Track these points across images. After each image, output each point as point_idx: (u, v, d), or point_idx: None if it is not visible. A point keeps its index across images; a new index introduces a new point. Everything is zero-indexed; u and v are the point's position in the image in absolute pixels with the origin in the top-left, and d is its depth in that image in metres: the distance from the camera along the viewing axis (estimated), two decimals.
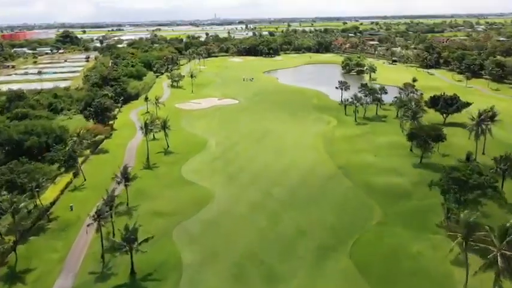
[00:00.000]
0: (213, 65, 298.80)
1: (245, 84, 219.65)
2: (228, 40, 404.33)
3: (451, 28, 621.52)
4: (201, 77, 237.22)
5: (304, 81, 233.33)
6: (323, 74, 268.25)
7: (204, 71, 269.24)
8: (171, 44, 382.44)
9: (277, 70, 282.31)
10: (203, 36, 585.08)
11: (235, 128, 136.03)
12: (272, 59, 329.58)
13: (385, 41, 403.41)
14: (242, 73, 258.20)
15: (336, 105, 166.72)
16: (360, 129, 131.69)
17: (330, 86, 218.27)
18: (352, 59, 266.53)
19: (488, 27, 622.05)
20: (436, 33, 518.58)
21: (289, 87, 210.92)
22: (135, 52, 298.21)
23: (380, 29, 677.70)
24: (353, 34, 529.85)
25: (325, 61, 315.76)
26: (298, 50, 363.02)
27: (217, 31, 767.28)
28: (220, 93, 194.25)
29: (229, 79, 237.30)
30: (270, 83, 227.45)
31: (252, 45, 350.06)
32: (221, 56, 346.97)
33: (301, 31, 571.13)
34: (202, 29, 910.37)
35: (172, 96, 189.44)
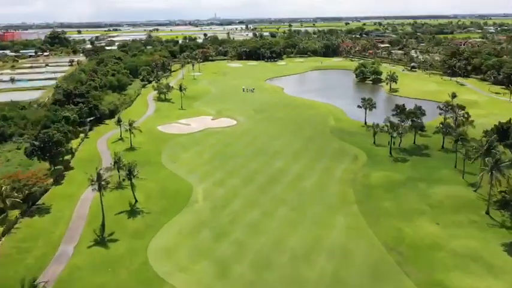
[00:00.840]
0: (210, 70, 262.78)
1: (245, 97, 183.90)
2: (226, 42, 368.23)
3: (461, 29, 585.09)
4: (194, 87, 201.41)
5: (314, 92, 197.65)
6: (334, 82, 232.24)
7: (198, 78, 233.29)
8: (165, 46, 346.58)
9: (281, 77, 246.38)
10: (201, 37, 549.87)
11: (232, 166, 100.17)
12: (275, 64, 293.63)
13: (396, 44, 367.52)
14: (242, 81, 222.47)
15: (358, 127, 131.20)
16: (401, 170, 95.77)
17: (345, 98, 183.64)
18: (367, 65, 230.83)
19: (498, 28, 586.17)
20: (445, 35, 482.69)
21: (298, 101, 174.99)
22: (123, 56, 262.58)
23: (385, 30, 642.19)
24: (359, 35, 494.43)
25: (335, 66, 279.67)
26: (303, 53, 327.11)
27: (216, 31, 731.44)
28: (215, 109, 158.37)
29: (227, 89, 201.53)
30: (274, 94, 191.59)
31: (253, 48, 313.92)
32: (219, 60, 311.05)
33: (303, 32, 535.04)
34: (201, 29, 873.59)
35: (157, 114, 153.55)
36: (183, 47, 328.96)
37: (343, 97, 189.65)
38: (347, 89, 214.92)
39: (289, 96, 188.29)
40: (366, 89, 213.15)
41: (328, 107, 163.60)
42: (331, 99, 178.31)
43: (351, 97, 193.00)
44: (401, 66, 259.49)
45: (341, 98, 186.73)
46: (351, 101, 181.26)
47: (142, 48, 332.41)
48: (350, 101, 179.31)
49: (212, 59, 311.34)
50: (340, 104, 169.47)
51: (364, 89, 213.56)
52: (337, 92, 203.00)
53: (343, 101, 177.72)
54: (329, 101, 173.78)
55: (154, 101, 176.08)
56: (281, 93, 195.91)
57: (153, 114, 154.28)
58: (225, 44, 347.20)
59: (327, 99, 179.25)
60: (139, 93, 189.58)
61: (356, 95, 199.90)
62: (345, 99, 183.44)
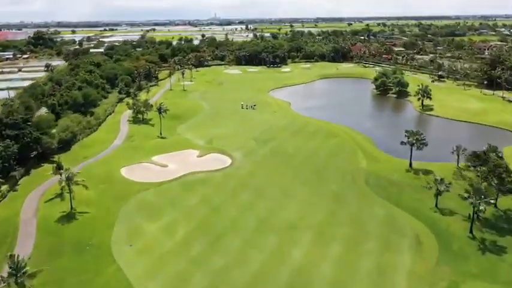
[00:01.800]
0: (203, 79, 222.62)
1: (244, 117, 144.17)
2: (224, 44, 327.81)
3: (472, 31, 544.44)
4: (181, 102, 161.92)
5: (329, 109, 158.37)
6: (350, 94, 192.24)
7: (189, 89, 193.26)
8: (156, 48, 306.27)
9: (286, 87, 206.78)
10: (198, 37, 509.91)
11: (221, 258, 60.51)
12: (279, 71, 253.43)
13: (410, 47, 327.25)
14: (240, 93, 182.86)
15: (401, 172, 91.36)
16: (504, 272, 56.63)
17: (369, 119, 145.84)
18: (388, 74, 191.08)
19: (511, 30, 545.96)
20: (457, 37, 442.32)
21: (311, 123, 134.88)
22: (103, 62, 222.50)
23: (391, 31, 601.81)
24: (366, 37, 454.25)
25: (347, 74, 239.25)
26: (309, 57, 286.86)
27: (215, 32, 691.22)
28: (204, 137, 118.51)
29: (222, 105, 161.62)
30: (280, 113, 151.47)
31: (254, 52, 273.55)
32: (215, 66, 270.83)
33: (306, 33, 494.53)
34: (199, 29, 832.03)
35: (126, 145, 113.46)
36: (176, 50, 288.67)
37: (366, 117, 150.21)
38: (367, 105, 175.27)
39: (298, 115, 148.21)
40: (390, 104, 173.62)
41: (352, 133, 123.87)
42: (352, 120, 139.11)
43: (376, 117, 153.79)
44: (425, 75, 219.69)
45: (364, 118, 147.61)
46: (378, 122, 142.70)
47: (130, 51, 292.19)
48: (377, 123, 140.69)
49: (208, 64, 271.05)
50: (365, 128, 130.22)
51: (388, 105, 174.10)
52: (356, 108, 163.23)
53: (368, 123, 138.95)
54: (350, 123, 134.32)
55: (128, 122, 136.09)
56: (288, 111, 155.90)
57: (122, 144, 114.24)
58: (223, 47, 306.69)
59: (346, 119, 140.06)
60: (112, 111, 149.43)
61: (381, 114, 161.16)
62: (370, 121, 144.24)
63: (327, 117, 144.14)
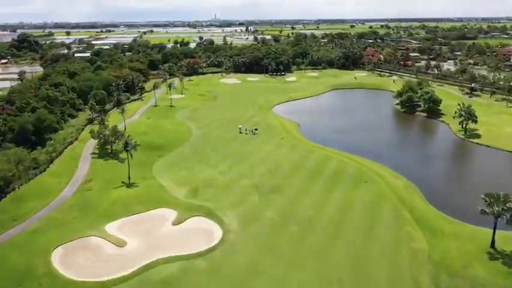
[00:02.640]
0: (196, 90, 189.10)
1: (243, 147, 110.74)
2: (222, 49, 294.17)
3: (483, 34, 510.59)
4: (165, 123, 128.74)
5: (349, 134, 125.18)
6: (370, 113, 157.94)
7: (177, 104, 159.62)
8: (146, 53, 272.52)
9: (292, 101, 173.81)
10: (196, 40, 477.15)
11: None
12: (283, 80, 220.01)
13: (426, 52, 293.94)
14: (238, 111, 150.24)
15: (484, 262, 58.10)
16: None
17: (401, 149, 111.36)
18: (414, 87, 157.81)
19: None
20: (469, 40, 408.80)
21: (331, 160, 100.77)
22: (81, 70, 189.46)
23: (397, 33, 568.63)
24: (373, 40, 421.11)
25: (361, 85, 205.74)
26: (316, 64, 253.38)
27: (214, 34, 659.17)
28: (188, 182, 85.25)
29: (215, 129, 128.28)
30: (289, 140, 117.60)
31: (254, 59, 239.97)
32: (211, 73, 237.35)
33: (310, 36, 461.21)
34: (198, 31, 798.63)
35: (75, 200, 79.30)
36: (167, 56, 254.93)
37: (397, 147, 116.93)
38: (395, 128, 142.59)
39: (312, 144, 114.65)
40: (422, 127, 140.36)
41: (386, 175, 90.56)
42: (381, 152, 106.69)
43: (411, 146, 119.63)
44: (453, 86, 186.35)
45: (395, 148, 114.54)
46: (415, 155, 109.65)
47: (117, 56, 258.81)
48: (414, 157, 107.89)
49: (202, 71, 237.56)
50: (401, 165, 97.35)
51: (419, 127, 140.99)
52: (382, 133, 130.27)
53: (403, 157, 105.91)
54: (380, 157, 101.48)
55: (92, 156, 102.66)
56: (298, 137, 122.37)
57: (72, 196, 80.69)
58: (220, 52, 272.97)
59: (373, 150, 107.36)
60: (75, 138, 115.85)
61: (415, 142, 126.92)
62: (404, 153, 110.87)
63: (348, 147, 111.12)
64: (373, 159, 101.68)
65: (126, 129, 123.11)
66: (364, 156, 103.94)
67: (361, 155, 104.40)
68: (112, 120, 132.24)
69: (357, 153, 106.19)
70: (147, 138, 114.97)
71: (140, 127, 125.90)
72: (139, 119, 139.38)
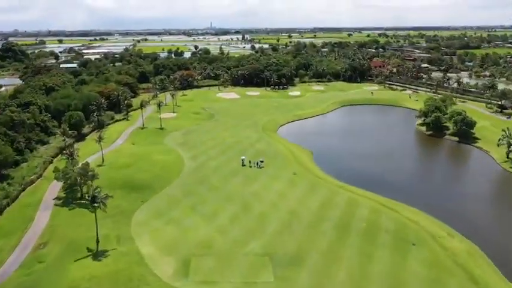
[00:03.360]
0: (190, 108, 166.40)
1: (246, 187, 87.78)
2: (219, 59, 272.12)
3: (487, 43, 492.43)
4: (151, 154, 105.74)
5: (374, 166, 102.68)
6: (391, 136, 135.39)
7: (168, 125, 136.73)
8: (139, 64, 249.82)
9: (300, 121, 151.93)
10: (192, 48, 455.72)
11: None
12: (286, 94, 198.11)
13: (438, 63, 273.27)
14: (239, 133, 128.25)
15: None
16: None
17: (443, 189, 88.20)
18: (439, 106, 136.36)
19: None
20: (473, 49, 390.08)
21: (359, 203, 77.99)
22: (62, 85, 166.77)
23: (396, 42, 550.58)
24: (374, 49, 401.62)
25: (374, 100, 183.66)
26: (321, 76, 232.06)
27: (209, 42, 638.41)
28: (176, 246, 62.64)
29: (212, 159, 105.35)
30: (303, 176, 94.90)
31: (254, 71, 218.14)
32: (207, 87, 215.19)
33: (309, 44, 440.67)
34: (193, 39, 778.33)
35: (20, 276, 56.99)
36: (159, 67, 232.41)
37: (435, 183, 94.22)
38: (424, 156, 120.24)
39: (331, 182, 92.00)
40: (456, 156, 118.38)
41: (440, 235, 68.20)
42: (420, 194, 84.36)
43: (452, 183, 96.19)
44: (479, 103, 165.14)
45: (432, 185, 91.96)
46: (463, 197, 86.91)
47: (105, 67, 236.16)
48: (464, 202, 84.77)
49: (197, 84, 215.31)
50: (451, 213, 75.65)
51: (453, 156, 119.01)
52: (411, 164, 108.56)
53: (448, 199, 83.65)
54: (419, 202, 79.31)
55: (55, 203, 79.69)
56: (313, 171, 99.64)
57: (13, 276, 57.63)
58: (216, 63, 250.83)
59: (408, 192, 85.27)
60: (39, 174, 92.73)
61: (455, 176, 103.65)
62: (445, 192, 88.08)
63: (375, 184, 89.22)
64: (412, 203, 79.64)
65: (105, 161, 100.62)
66: (399, 198, 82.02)
67: (394, 197, 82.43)
68: (89, 149, 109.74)
69: (389, 193, 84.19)
70: (129, 172, 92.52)
71: (122, 157, 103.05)
72: (123, 145, 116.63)
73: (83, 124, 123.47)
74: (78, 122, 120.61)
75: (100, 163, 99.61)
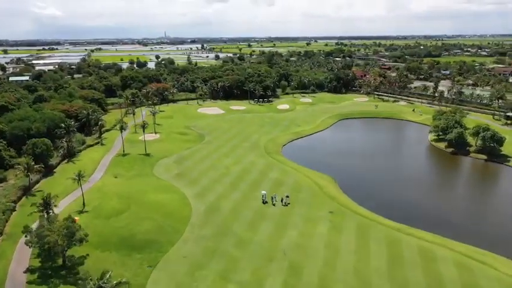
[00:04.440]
0: (172, 126, 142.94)
1: (279, 234, 67.38)
2: (190, 70, 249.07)
3: (446, 51, 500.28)
4: (146, 185, 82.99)
5: (414, 198, 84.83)
6: (410, 155, 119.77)
7: (154, 150, 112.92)
8: (102, 76, 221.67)
9: (302, 139, 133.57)
10: (152, 58, 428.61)
11: None
12: (274, 108, 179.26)
13: (417, 72, 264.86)
14: (241, 157, 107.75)
15: None
16: None
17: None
18: (460, 121, 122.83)
19: (484, 50, 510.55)
20: (436, 58, 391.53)
21: (439, 258, 60.21)
22: (17, 102, 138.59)
23: (357, 50, 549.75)
24: (341, 58, 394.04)
25: (369, 113, 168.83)
26: (304, 88, 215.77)
27: (169, 52, 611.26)
28: None
29: (223, 196, 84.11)
30: (342, 215, 76.16)
31: (235, 82, 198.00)
32: (184, 101, 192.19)
33: (276, 54, 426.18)
34: (151, 48, 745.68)
35: None
36: (128, 80, 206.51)
37: (504, 224, 77.68)
38: (462, 182, 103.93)
39: (383, 223, 73.08)
40: (492, 177, 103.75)
41: None
42: (493, 234, 67.80)
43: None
44: (482, 114, 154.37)
45: (505, 228, 75.37)
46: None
47: (64, 80, 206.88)
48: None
49: (173, 98, 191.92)
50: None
51: (489, 177, 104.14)
52: (452, 192, 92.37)
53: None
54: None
55: (28, 280, 55.79)
56: (349, 206, 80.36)
57: None
58: (189, 75, 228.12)
59: (475, 229, 68.34)
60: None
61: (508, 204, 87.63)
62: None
63: (435, 225, 72.03)
64: (497, 250, 63.00)
65: (86, 206, 76.99)
66: (469, 240, 65.44)
67: (468, 241, 65.71)
68: (61, 187, 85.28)
69: (458, 235, 67.36)
70: (123, 223, 69.97)
71: (108, 200, 79.64)
72: (104, 180, 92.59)
73: (50, 154, 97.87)
74: (44, 152, 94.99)
75: (80, 208, 76.00)
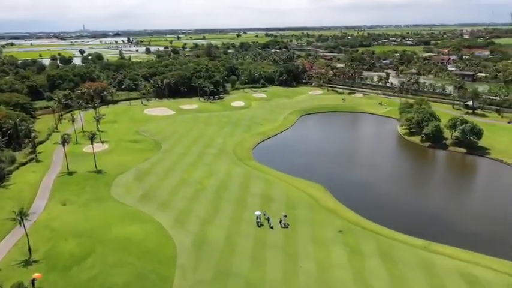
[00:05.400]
0: (120, 133, 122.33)
1: (291, 266, 54.83)
2: (126, 67, 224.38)
3: (375, 41, 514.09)
4: (106, 214, 65.34)
5: (418, 204, 75.46)
6: (389, 153, 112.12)
7: (105, 164, 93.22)
8: (23, 75, 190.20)
9: (270, 140, 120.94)
10: (76, 54, 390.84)
11: None
12: (228, 105, 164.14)
13: (361, 63, 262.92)
14: (211, 166, 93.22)
15: None
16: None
17: None
18: (434, 114, 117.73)
19: (405, 39, 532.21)
20: (365, 47, 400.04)
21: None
22: None
23: (290, 41, 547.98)
24: (278, 49, 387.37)
25: (329, 108, 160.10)
26: (254, 82, 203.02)
27: (93, 46, 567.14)
28: None
29: (207, 221, 68.52)
30: (352, 234, 64.78)
31: (181, 79, 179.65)
32: (125, 101, 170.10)
33: (213, 47, 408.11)
34: (71, 43, 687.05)
35: None
36: (55, 79, 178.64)
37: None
38: (454, 179, 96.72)
39: (403, 241, 62.52)
40: (482, 172, 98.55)
41: None
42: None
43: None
44: (444, 105, 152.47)
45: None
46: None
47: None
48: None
49: (112, 98, 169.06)
50: None
51: (480, 172, 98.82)
52: (450, 193, 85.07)
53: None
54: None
55: None
56: (358, 223, 68.93)
57: None
58: (126, 71, 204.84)
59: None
60: None
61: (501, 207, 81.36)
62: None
63: (460, 238, 63.60)
64: None
65: (34, 252, 58.04)
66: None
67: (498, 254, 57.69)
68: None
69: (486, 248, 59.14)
70: (87, 276, 53.79)
71: (61, 241, 61.24)
72: (50, 211, 72.78)
73: None
74: None
75: (25, 257, 57.12)
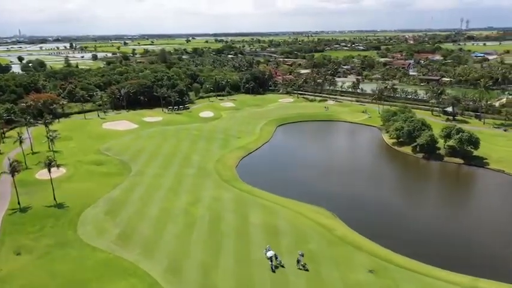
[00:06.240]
0: (79, 153, 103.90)
1: None
2: (75, 75, 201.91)
3: (328, 47, 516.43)
4: (76, 268, 49.54)
5: (424, 227, 66.32)
6: (390, 172, 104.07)
7: (64, 196, 76.17)
8: None
9: (250, 156, 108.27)
10: (14, 61, 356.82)
11: None
12: (196, 116, 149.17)
13: (325, 68, 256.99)
14: (194, 191, 78.81)
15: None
16: None
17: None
18: (425, 122, 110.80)
19: (354, 44, 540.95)
20: (318, 53, 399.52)
21: None
22: None
23: (243, 47, 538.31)
24: (233, 55, 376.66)
25: (305, 116, 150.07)
26: (219, 90, 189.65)
27: (32, 52, 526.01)
28: None
29: (211, 267, 54.33)
30: (386, 276, 54.39)
31: (141, 88, 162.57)
32: (79, 114, 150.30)
33: (167, 52, 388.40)
34: (7, 49, 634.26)
35: None
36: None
37: None
38: (463, 194, 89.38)
39: (451, 281, 53.58)
40: (488, 186, 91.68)
41: None
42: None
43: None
44: (420, 111, 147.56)
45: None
46: None
47: None
48: None
49: (63, 111, 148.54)
50: None
51: (485, 186, 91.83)
52: (469, 213, 77.24)
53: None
54: None
55: None
56: (391, 260, 58.07)
57: None
58: (76, 80, 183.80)
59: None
60: None
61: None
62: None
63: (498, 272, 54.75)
64: None
65: None
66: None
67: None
68: None
69: None
70: None
71: None
72: (1, 263, 55.62)
73: None
74: None
75: None
